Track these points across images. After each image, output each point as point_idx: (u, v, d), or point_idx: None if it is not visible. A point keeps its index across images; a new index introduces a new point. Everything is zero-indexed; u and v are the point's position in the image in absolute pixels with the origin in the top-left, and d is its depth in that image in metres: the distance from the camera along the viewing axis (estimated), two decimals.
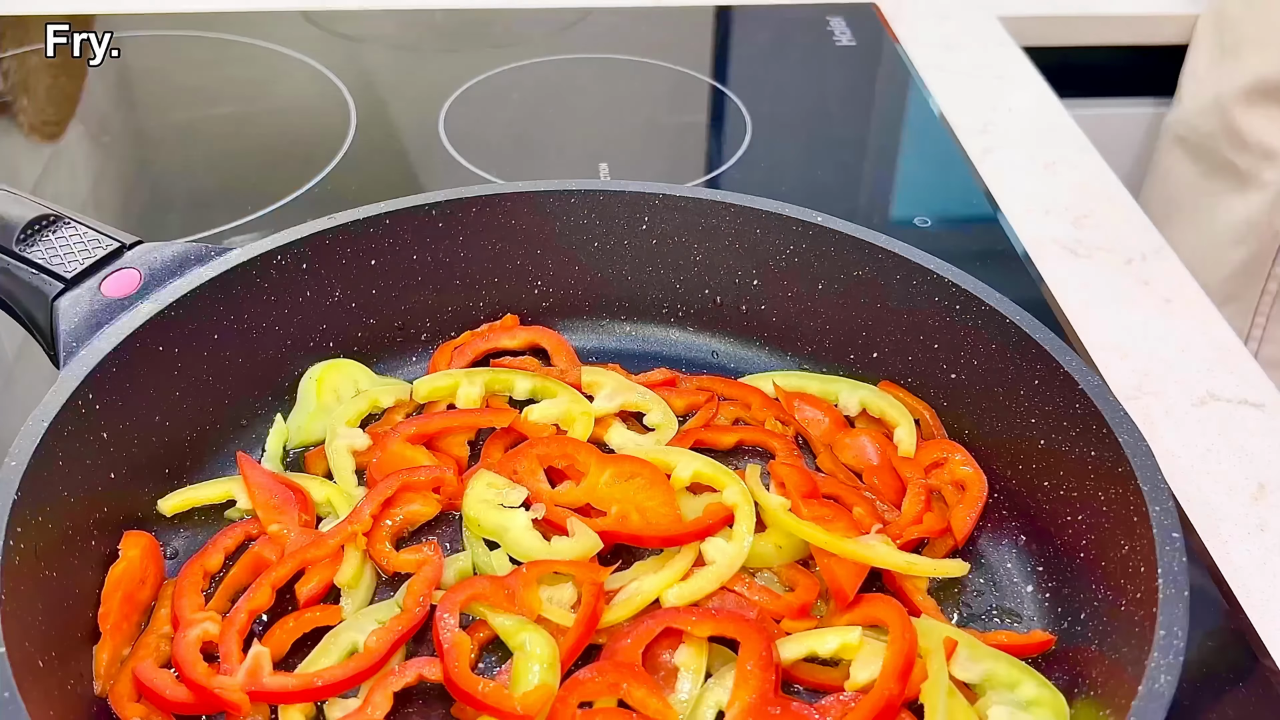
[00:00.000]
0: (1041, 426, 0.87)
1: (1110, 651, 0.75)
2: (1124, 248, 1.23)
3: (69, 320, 0.87)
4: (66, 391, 0.82)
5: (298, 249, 0.96)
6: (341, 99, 1.50)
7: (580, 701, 0.76)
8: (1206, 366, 1.09)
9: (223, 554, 0.87)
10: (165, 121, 1.55)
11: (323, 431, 0.96)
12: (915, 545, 0.88)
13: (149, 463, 0.89)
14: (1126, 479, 0.78)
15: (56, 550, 0.79)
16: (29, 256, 0.90)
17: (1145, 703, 0.65)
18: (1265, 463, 1.00)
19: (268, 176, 1.38)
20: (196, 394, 0.92)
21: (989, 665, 0.79)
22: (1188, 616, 0.69)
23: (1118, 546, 0.78)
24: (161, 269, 0.92)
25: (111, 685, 0.78)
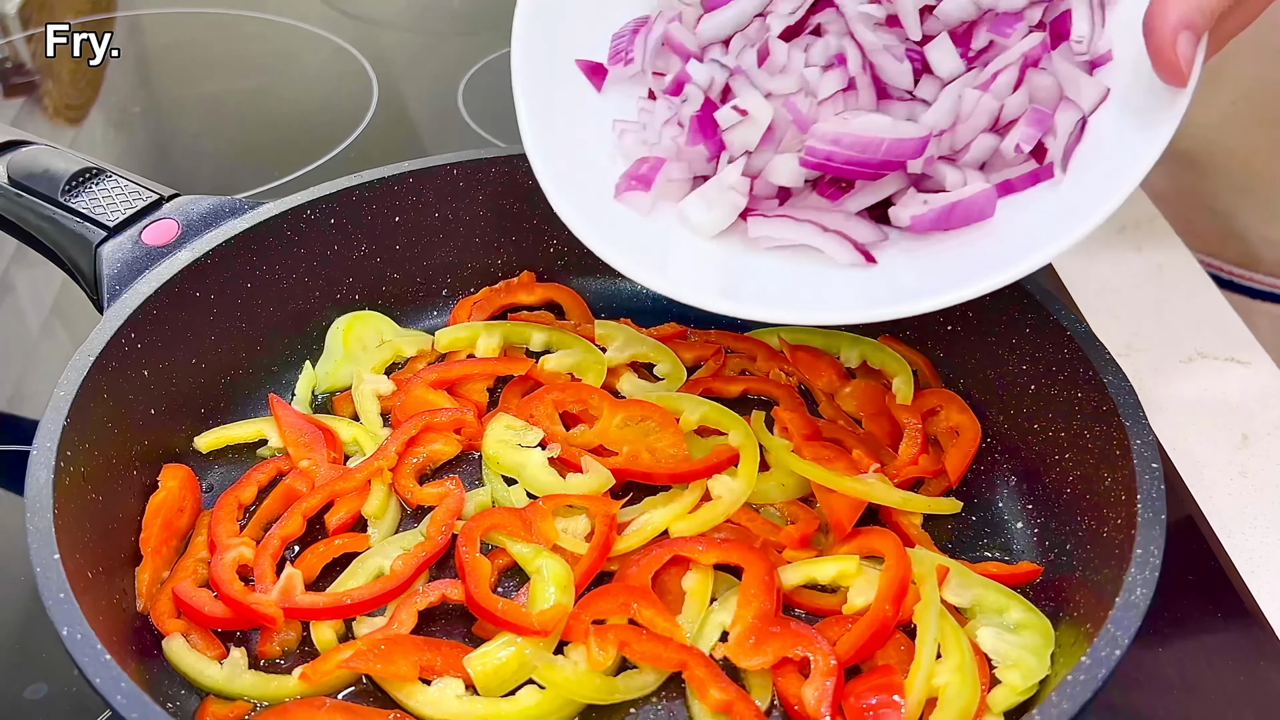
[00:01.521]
0: (1032, 373, 0.91)
1: (1092, 575, 0.79)
2: (1118, 216, 1.26)
3: (112, 266, 0.93)
4: (111, 330, 0.87)
5: (326, 204, 1.01)
6: (364, 72, 1.55)
7: (593, 619, 0.81)
8: (1195, 326, 1.13)
9: (256, 487, 0.92)
10: (191, 94, 1.60)
11: (349, 378, 1.02)
12: (911, 486, 0.93)
13: (186, 402, 0.94)
14: (1110, 416, 0.82)
15: (102, 476, 0.84)
16: (74, 206, 0.96)
17: (1122, 613, 0.70)
18: (1249, 415, 1.04)
19: (292, 145, 1.43)
20: (230, 339, 0.98)
21: (978, 592, 0.83)
22: (1164, 538, 0.74)
23: (1101, 480, 0.82)
24: (198, 220, 0.97)
25: (153, 603, 0.83)
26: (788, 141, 0.84)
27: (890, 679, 0.77)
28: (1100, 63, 0.81)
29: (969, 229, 0.80)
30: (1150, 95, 0.76)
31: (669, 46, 0.89)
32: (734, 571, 0.85)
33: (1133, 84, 0.79)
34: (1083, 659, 0.67)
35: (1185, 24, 0.73)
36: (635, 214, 0.86)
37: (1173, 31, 0.73)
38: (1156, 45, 0.74)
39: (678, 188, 0.87)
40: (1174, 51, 0.73)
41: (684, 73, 0.87)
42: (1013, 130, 0.80)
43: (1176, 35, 0.73)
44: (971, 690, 0.77)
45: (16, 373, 1.13)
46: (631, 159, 0.88)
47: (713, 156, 0.86)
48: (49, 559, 0.72)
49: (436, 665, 0.79)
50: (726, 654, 0.80)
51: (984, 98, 0.80)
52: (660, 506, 0.90)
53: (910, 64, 0.82)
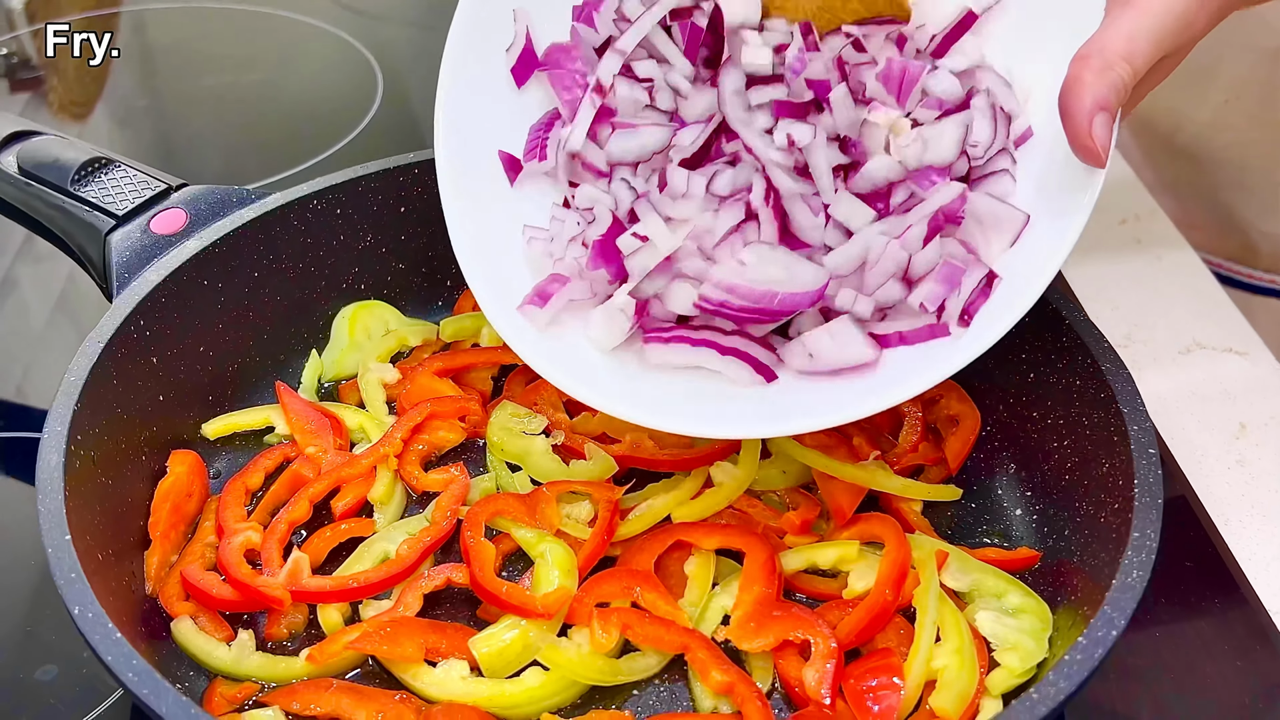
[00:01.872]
0: (1031, 361, 0.92)
1: (1090, 560, 0.80)
2: (1118, 209, 1.28)
3: (121, 254, 0.94)
4: (120, 317, 0.88)
5: (332, 195, 1.02)
6: (368, 66, 1.56)
7: (596, 603, 0.82)
8: (1193, 317, 1.14)
9: (263, 473, 0.93)
10: (195, 88, 1.61)
11: (354, 366, 1.03)
12: (911, 473, 0.94)
13: (194, 389, 0.95)
14: (1108, 403, 0.83)
15: (112, 461, 0.85)
16: (83, 196, 0.97)
17: (1118, 594, 0.71)
18: (1247, 404, 1.05)
19: (297, 139, 1.44)
20: (238, 328, 0.99)
21: (977, 576, 0.84)
22: (1160, 522, 0.75)
23: (1099, 465, 0.83)
24: (206, 210, 0.98)
25: (161, 586, 0.85)
26: (688, 268, 0.83)
27: (890, 661, 0.78)
28: (1022, 140, 0.81)
29: None
30: (1067, 174, 0.76)
31: (578, 161, 0.89)
32: (735, 556, 0.86)
33: (1049, 164, 0.79)
34: (1079, 640, 0.68)
35: (1100, 105, 0.72)
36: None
37: (1089, 114, 0.72)
38: (1073, 129, 0.73)
39: (581, 305, 0.87)
40: (1090, 136, 0.72)
41: (592, 192, 0.87)
42: (920, 286, 0.80)
43: (1092, 118, 0.72)
44: (970, 672, 0.78)
45: (22, 368, 1.14)
46: (537, 269, 0.87)
47: (614, 279, 0.85)
48: (60, 540, 0.73)
49: (442, 647, 0.80)
50: (728, 637, 0.81)
51: (893, 245, 0.80)
52: (663, 493, 0.91)
53: (824, 216, 0.82)
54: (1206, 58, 1.28)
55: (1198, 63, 1.28)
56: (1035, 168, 0.80)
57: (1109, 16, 0.75)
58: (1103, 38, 0.73)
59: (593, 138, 0.88)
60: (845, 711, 0.76)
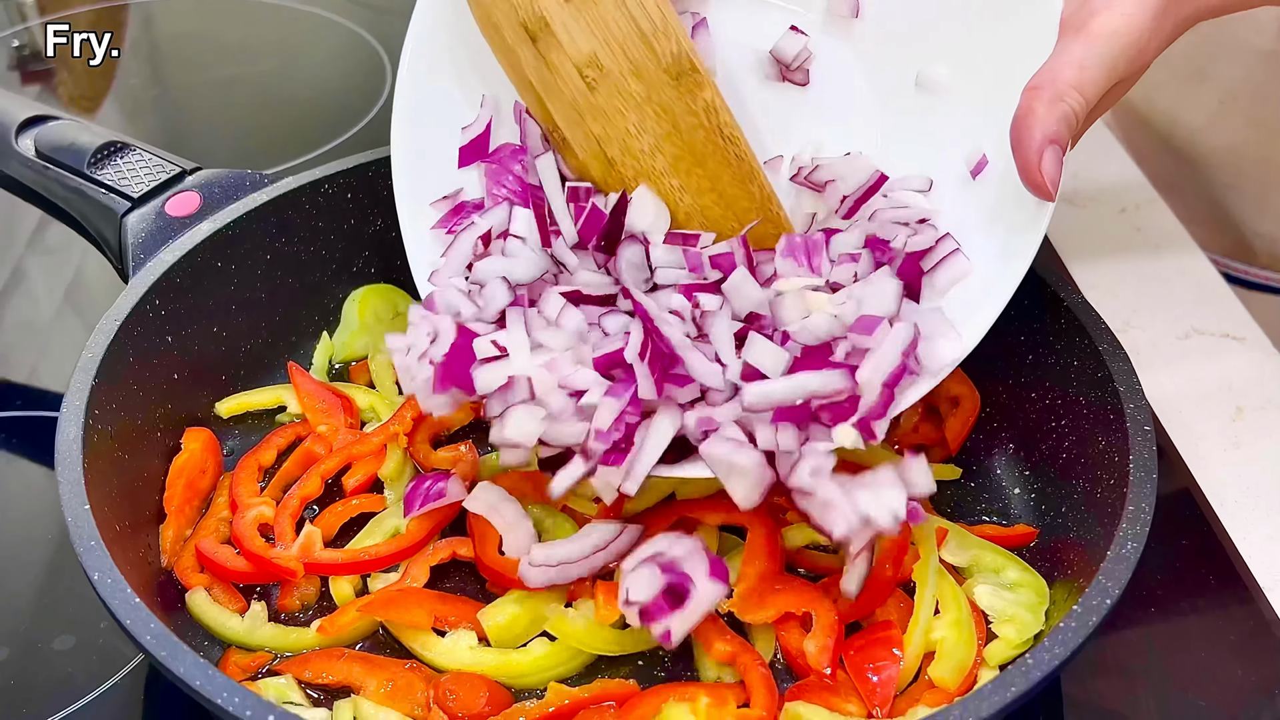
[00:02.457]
0: (1030, 343, 0.94)
1: (1086, 535, 0.82)
2: (1118, 199, 1.30)
3: (136, 235, 0.95)
4: (136, 295, 0.90)
5: (343, 180, 1.04)
6: (377, 56, 1.58)
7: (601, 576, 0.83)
8: (1192, 304, 1.15)
9: (275, 450, 0.94)
10: (204, 79, 1.62)
11: (364, 348, 1.04)
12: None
13: (207, 369, 0.97)
14: (1105, 382, 0.85)
15: (127, 437, 0.87)
16: (100, 179, 0.98)
17: (1113, 565, 0.72)
18: (1244, 389, 1.06)
19: (307, 129, 1.46)
20: (250, 309, 1.00)
21: (975, 552, 0.86)
22: (1155, 495, 0.76)
23: (1096, 443, 0.85)
24: (220, 193, 1.00)
25: (176, 559, 0.86)
26: (551, 403, 0.78)
27: (889, 634, 0.80)
28: (979, 169, 0.81)
29: None
30: (1019, 203, 0.77)
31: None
32: (739, 533, 0.88)
33: (1000, 197, 0.80)
34: (1074, 608, 0.70)
35: (1050, 139, 0.73)
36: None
37: (1039, 148, 0.73)
38: (1023, 162, 0.74)
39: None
40: (1039, 170, 0.73)
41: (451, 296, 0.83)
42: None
43: (1042, 151, 0.73)
44: (968, 644, 0.79)
45: (31, 359, 1.15)
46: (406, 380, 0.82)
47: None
48: (80, 509, 0.75)
49: (450, 618, 0.82)
50: (732, 609, 0.82)
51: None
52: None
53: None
54: (1201, 60, 1.30)
55: (1193, 65, 1.31)
56: (989, 193, 0.81)
57: (1060, 44, 0.75)
58: (1054, 66, 0.74)
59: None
60: (845, 682, 0.78)
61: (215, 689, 0.65)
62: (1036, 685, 0.66)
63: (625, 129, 0.83)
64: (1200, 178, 1.36)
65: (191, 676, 0.65)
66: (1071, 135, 0.73)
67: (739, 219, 0.85)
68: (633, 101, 0.83)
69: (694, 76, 0.82)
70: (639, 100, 0.83)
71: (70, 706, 0.81)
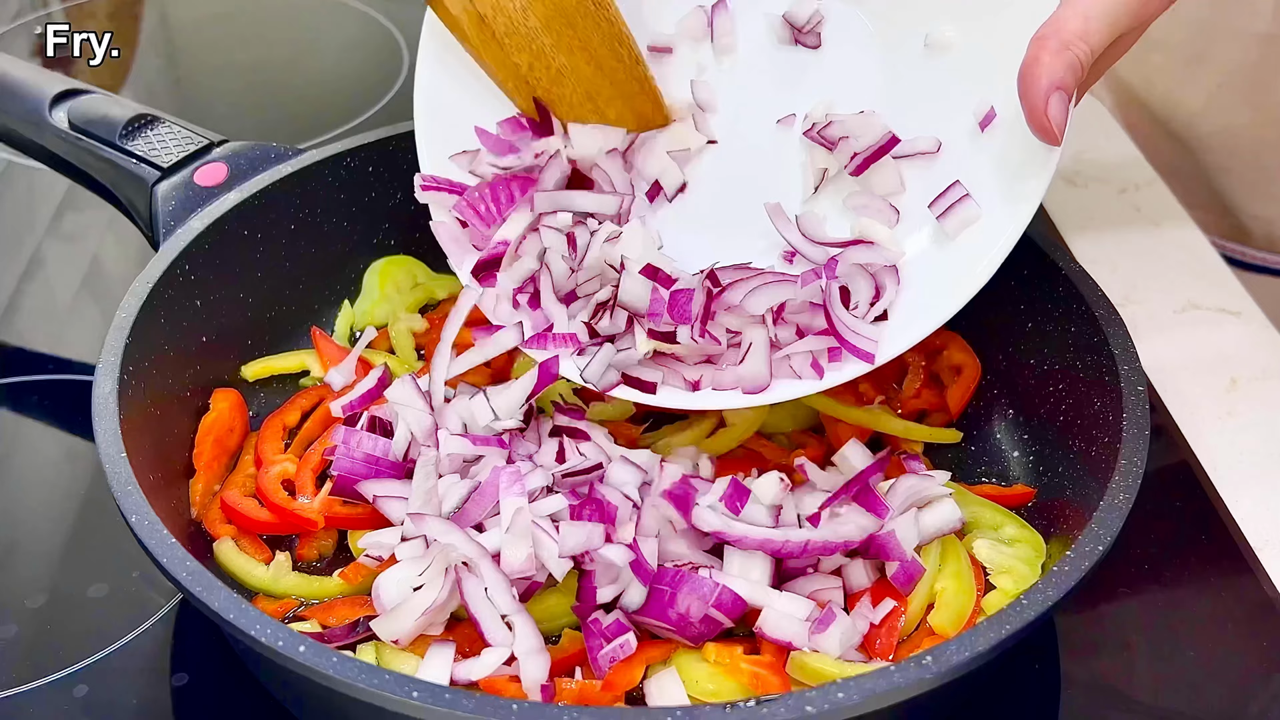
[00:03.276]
0: (1029, 312, 0.97)
1: (1081, 492, 0.85)
2: (1119, 179, 1.32)
3: (166, 204, 0.99)
4: (167, 260, 0.93)
5: (365, 153, 1.08)
6: (394, 41, 1.61)
7: None
8: (1189, 280, 1.18)
9: (299, 412, 0.98)
10: (223, 63, 1.65)
11: (384, 317, 1.08)
12: (914, 419, 0.98)
13: (234, 333, 1.01)
14: (1100, 346, 0.88)
15: (159, 395, 0.90)
16: (131, 149, 1.02)
17: (1105, 514, 0.75)
18: (1239, 361, 1.09)
19: (323, 111, 1.49)
20: (275, 277, 1.04)
21: (975, 510, 0.89)
22: (1147, 451, 0.79)
23: (1091, 404, 0.88)
24: (246, 164, 1.03)
25: (205, 511, 0.90)
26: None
27: (893, 585, 0.83)
28: (987, 121, 0.84)
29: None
30: (1026, 151, 0.81)
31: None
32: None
33: (1009, 142, 0.83)
34: (1068, 553, 0.73)
35: (1056, 85, 0.75)
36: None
37: (1045, 94, 0.75)
38: (1030, 107, 0.76)
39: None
40: (1046, 115, 0.76)
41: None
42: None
43: (1049, 97, 0.76)
44: (967, 594, 0.83)
45: (48, 347, 1.18)
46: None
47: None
48: (117, 456, 0.78)
49: None
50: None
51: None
52: (678, 433, 0.95)
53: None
54: (1200, 43, 1.33)
55: (1191, 49, 1.33)
56: (997, 144, 0.84)
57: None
58: (1059, 18, 0.76)
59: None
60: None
61: (248, 621, 0.68)
62: (1030, 624, 0.68)
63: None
64: (1198, 161, 1.39)
65: (226, 610, 0.69)
66: (1077, 84, 0.76)
67: (610, 80, 0.90)
68: None
69: None
70: None
71: (104, 650, 0.84)
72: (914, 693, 0.66)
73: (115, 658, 0.84)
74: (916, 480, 0.86)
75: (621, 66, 0.91)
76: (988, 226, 0.83)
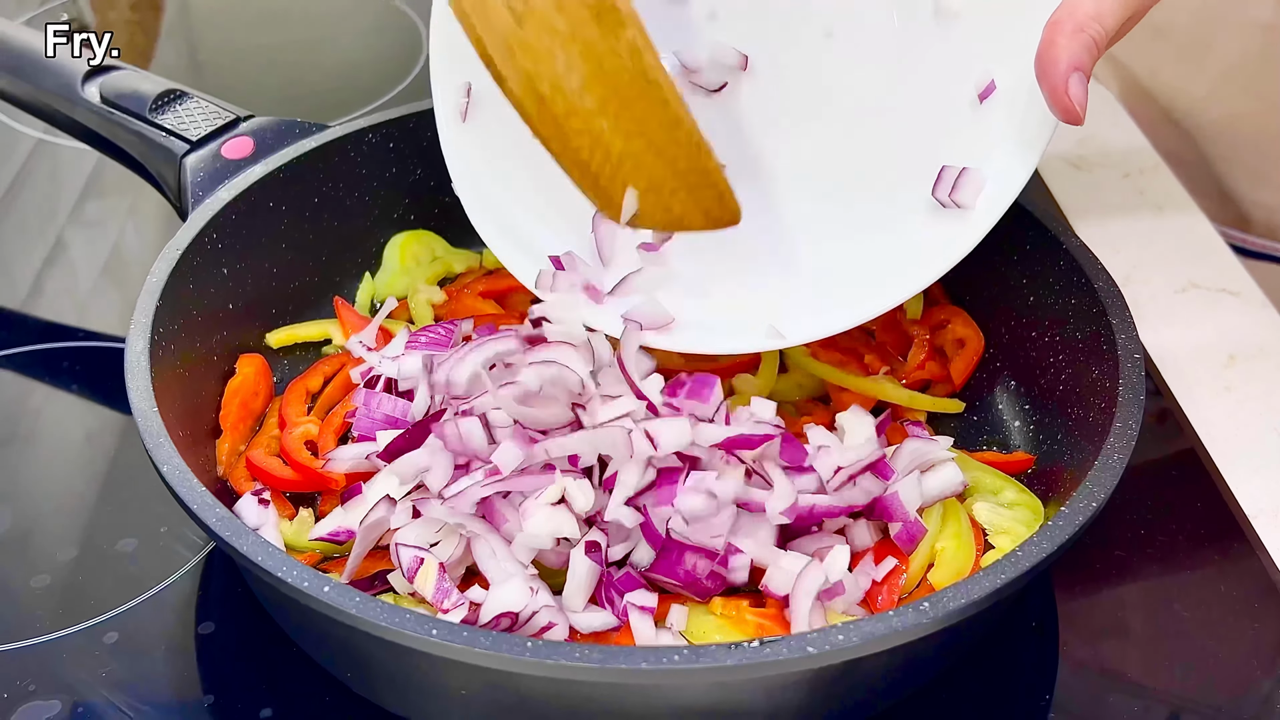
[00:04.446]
0: (1031, 285, 1.00)
1: (1079, 457, 0.88)
2: (1123, 164, 1.35)
3: (195, 175, 1.02)
4: (196, 228, 0.97)
5: (386, 129, 1.11)
6: (412, 25, 1.65)
7: None
8: (1190, 260, 1.21)
9: (322, 377, 1.01)
10: (240, 46, 1.69)
11: (404, 289, 1.11)
12: (917, 389, 1.01)
13: (259, 302, 1.04)
14: (1099, 317, 0.91)
15: (187, 357, 0.93)
16: (160, 123, 1.05)
17: (1099, 473, 0.78)
18: (1237, 339, 1.12)
19: (342, 93, 1.52)
20: (299, 248, 1.07)
21: (975, 474, 0.92)
22: (1141, 415, 0.82)
23: (1090, 373, 0.90)
24: (271, 138, 1.06)
25: (231, 470, 0.93)
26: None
27: (894, 545, 0.86)
28: (986, 93, 0.87)
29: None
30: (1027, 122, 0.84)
31: None
32: None
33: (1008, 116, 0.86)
34: (1062, 509, 0.76)
35: (1074, 66, 0.77)
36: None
37: (1064, 75, 0.77)
38: (1051, 88, 0.78)
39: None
40: (1067, 95, 0.77)
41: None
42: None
43: (1068, 79, 0.77)
44: (967, 552, 0.85)
45: (73, 322, 1.21)
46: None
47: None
48: (148, 410, 0.81)
49: None
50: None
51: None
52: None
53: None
54: (1203, 32, 1.35)
55: (1195, 37, 1.36)
56: (999, 114, 0.86)
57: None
58: (1073, 1, 0.79)
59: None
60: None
61: (275, 563, 0.71)
62: (1025, 573, 0.71)
63: (554, 67, 0.83)
64: (1200, 148, 1.42)
65: (254, 553, 0.72)
66: (1094, 63, 0.78)
67: (672, 169, 0.87)
68: (560, 39, 0.83)
69: (614, 15, 0.83)
70: (565, 37, 0.83)
71: (133, 600, 0.88)
72: (910, 637, 0.69)
73: (144, 607, 0.87)
74: (920, 444, 0.89)
75: (683, 154, 0.87)
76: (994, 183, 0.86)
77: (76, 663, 0.84)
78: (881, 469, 0.86)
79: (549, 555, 0.82)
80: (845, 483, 0.85)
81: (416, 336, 0.97)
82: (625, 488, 0.82)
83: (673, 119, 0.86)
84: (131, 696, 0.82)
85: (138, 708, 0.81)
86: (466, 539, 0.82)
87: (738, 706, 0.73)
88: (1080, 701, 0.84)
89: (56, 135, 1.39)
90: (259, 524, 0.86)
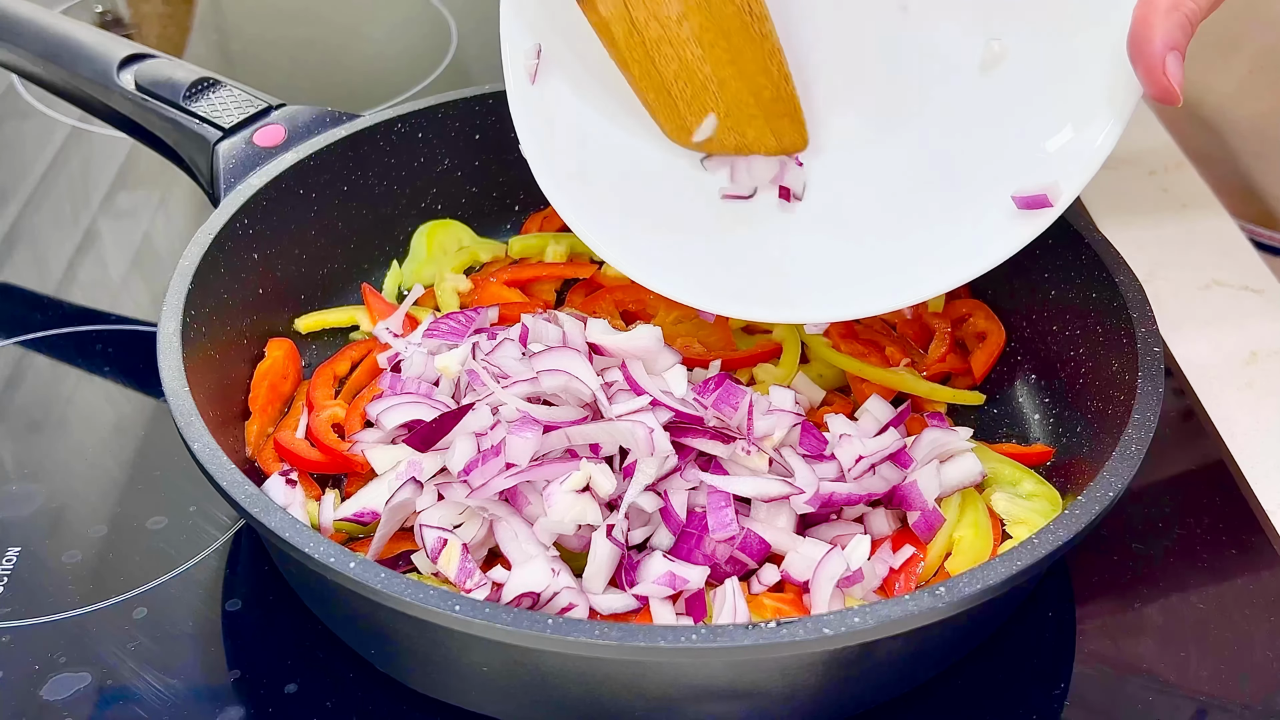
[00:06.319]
0: (1053, 280, 1.00)
1: (1098, 449, 0.88)
2: (1148, 162, 1.35)
3: (227, 162, 1.04)
4: (228, 214, 0.98)
5: (415, 119, 1.12)
6: (442, 19, 1.66)
7: None
8: (1214, 258, 1.21)
9: (349, 362, 1.03)
10: (271, 39, 1.71)
11: (431, 277, 1.12)
12: (938, 381, 1.02)
13: (288, 287, 1.05)
14: (1120, 310, 0.91)
15: (218, 339, 0.95)
16: (194, 110, 1.07)
17: (1117, 463, 0.78)
18: (1260, 336, 1.12)
19: (371, 86, 1.54)
20: (328, 235, 1.09)
21: (994, 465, 0.92)
22: (1160, 407, 0.83)
23: (1110, 366, 0.91)
24: (302, 127, 1.08)
25: (259, 452, 0.95)
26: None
27: (913, 533, 0.87)
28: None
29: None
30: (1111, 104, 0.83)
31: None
32: None
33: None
34: (1079, 498, 0.76)
35: (1170, 45, 0.76)
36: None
37: (1160, 55, 0.76)
38: (1147, 69, 0.76)
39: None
40: (1165, 74, 0.76)
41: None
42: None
43: (1164, 58, 0.76)
44: (984, 542, 0.86)
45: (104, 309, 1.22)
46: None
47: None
48: (179, 389, 0.83)
49: None
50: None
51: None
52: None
53: None
54: (1233, 29, 1.35)
55: (1224, 34, 1.35)
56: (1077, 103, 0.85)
57: None
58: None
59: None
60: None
61: (303, 540, 0.72)
62: (1041, 560, 0.72)
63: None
64: (1228, 145, 1.41)
65: (282, 529, 0.73)
66: (1188, 41, 0.76)
67: (756, 97, 0.88)
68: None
69: None
70: None
71: (162, 577, 0.89)
72: (926, 620, 0.69)
73: (172, 584, 0.89)
74: (940, 434, 0.89)
75: (770, 84, 0.89)
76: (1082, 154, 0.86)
77: (106, 636, 0.85)
78: (901, 458, 0.87)
79: (570, 539, 0.84)
80: (865, 471, 0.86)
81: (436, 324, 0.98)
82: (645, 475, 0.83)
83: (769, 51, 0.88)
84: (159, 670, 0.83)
85: (165, 681, 0.83)
86: (489, 521, 0.84)
87: (754, 687, 0.74)
88: (1095, 693, 0.84)
89: (91, 123, 1.41)
90: (286, 503, 0.88)
